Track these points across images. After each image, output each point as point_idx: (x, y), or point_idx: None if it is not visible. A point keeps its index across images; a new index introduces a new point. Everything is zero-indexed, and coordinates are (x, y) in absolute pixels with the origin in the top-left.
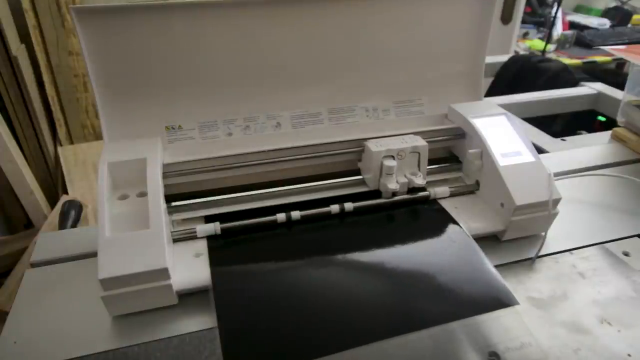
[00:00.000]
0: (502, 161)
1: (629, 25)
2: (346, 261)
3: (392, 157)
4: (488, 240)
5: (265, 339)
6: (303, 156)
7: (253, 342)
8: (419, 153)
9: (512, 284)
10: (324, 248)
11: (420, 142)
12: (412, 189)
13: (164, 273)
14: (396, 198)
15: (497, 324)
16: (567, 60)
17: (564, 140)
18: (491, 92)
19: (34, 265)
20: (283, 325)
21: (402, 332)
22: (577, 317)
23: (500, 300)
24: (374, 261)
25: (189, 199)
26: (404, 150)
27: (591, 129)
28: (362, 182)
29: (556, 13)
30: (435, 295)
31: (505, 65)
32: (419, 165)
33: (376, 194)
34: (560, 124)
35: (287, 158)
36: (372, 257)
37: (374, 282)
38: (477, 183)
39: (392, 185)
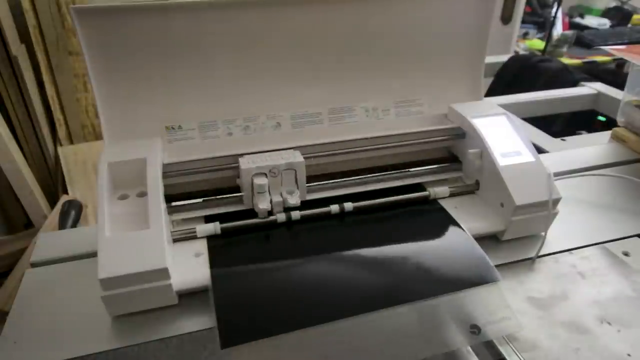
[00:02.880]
0: (502, 161)
1: (629, 26)
2: (343, 254)
3: (265, 174)
4: (488, 240)
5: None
6: (303, 156)
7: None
8: (295, 170)
9: (512, 284)
10: (323, 245)
11: (298, 158)
12: (408, 191)
13: (164, 273)
14: (396, 198)
15: (479, 299)
16: (567, 60)
17: (564, 140)
18: (491, 92)
19: (34, 265)
20: (282, 320)
21: (390, 305)
22: (577, 317)
23: (483, 277)
24: (368, 252)
25: (189, 199)
26: (277, 167)
27: (591, 129)
28: (240, 200)
29: (556, 13)
30: (423, 273)
31: (505, 65)
32: (296, 183)
33: (377, 193)
34: (560, 124)
35: None
36: (368, 249)
37: (368, 268)
38: (477, 183)
39: (264, 205)
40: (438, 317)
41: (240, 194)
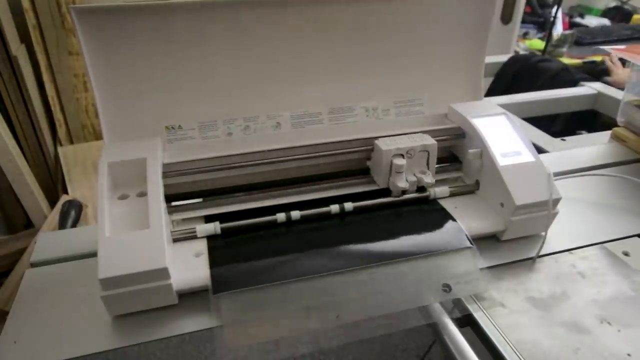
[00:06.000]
0: (501, 161)
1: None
2: (334, 240)
3: (402, 155)
4: (488, 240)
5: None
6: (303, 156)
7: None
8: (428, 152)
9: (512, 284)
10: (322, 244)
11: (430, 140)
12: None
13: (164, 273)
14: (395, 198)
15: (451, 263)
16: (567, 60)
17: (564, 140)
18: (491, 92)
19: (34, 265)
20: (268, 274)
21: (370, 263)
22: (577, 317)
23: (456, 243)
24: (357, 235)
25: (189, 199)
26: (413, 149)
27: (591, 129)
28: (371, 181)
29: (556, 13)
30: (403, 240)
31: (505, 65)
32: (427, 164)
33: (375, 193)
34: (560, 124)
35: (287, 158)
36: (358, 235)
37: (353, 241)
38: (477, 183)
39: (402, 183)
40: (414, 276)
41: (239, 193)
